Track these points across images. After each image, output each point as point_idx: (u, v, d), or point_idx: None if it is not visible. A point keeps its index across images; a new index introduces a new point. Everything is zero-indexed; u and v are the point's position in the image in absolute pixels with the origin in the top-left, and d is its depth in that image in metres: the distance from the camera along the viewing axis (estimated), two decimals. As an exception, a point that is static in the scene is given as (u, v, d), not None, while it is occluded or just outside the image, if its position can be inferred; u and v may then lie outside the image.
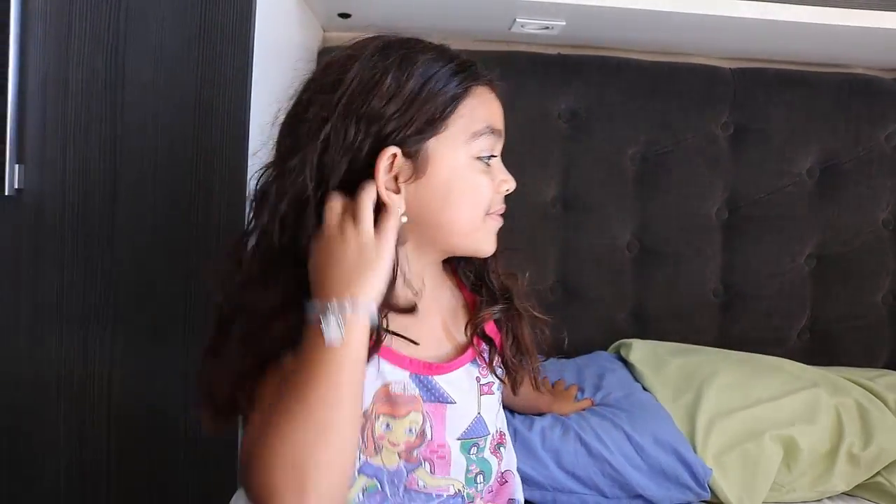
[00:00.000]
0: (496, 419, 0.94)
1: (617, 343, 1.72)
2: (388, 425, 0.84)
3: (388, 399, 0.84)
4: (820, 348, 1.81)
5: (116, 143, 1.21)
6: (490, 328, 0.96)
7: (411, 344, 0.85)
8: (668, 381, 1.47)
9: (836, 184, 1.80)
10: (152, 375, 1.24)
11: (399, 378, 0.85)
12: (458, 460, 0.88)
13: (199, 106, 1.22)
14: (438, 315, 0.93)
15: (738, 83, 1.79)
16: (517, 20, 1.65)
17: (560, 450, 1.26)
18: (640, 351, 1.60)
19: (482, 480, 0.90)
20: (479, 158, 0.87)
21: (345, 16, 1.72)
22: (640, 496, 1.26)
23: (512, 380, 0.96)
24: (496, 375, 0.94)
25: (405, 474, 0.84)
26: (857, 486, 1.35)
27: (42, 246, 1.22)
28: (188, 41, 1.21)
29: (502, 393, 0.98)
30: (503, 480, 0.97)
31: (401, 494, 0.84)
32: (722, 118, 1.79)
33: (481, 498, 0.90)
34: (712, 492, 1.28)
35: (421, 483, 0.85)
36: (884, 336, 1.81)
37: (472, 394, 0.91)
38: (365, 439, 0.82)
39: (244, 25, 1.21)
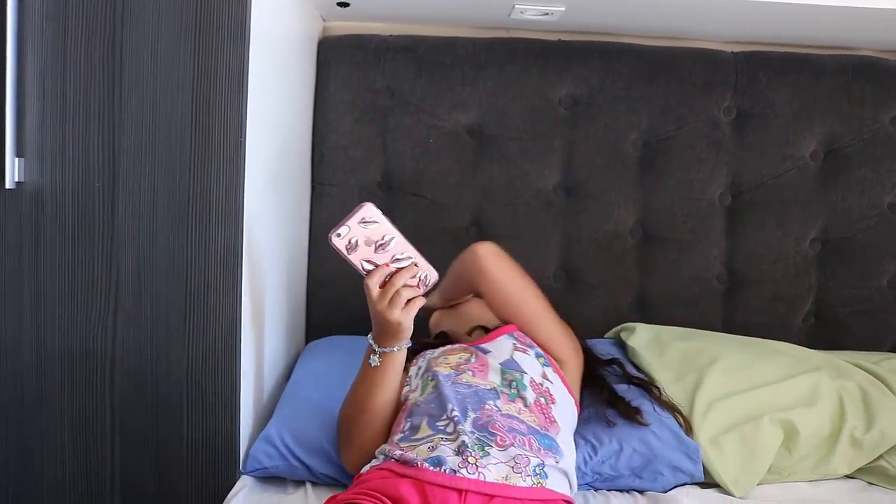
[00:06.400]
0: (532, 371, 1.21)
1: (620, 326, 1.72)
2: (446, 359, 1.24)
3: (449, 352, 1.27)
4: (825, 333, 1.81)
5: (115, 135, 1.22)
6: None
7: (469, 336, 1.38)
8: (669, 364, 1.47)
9: (841, 167, 1.79)
10: (154, 364, 1.25)
11: (461, 348, 1.28)
12: (495, 371, 1.19)
13: (197, 96, 1.22)
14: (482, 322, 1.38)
15: (740, 67, 1.78)
16: (516, 6, 1.64)
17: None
18: (642, 335, 1.60)
19: (515, 387, 1.16)
20: None
21: (343, 5, 1.72)
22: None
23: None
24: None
25: (454, 376, 1.18)
26: (859, 470, 1.35)
27: (43, 238, 1.23)
28: (185, 32, 1.21)
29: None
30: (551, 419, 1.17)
31: (450, 385, 1.15)
32: (724, 102, 1.78)
33: (509, 399, 1.14)
34: (708, 473, 1.28)
35: (465, 380, 1.17)
36: (889, 320, 1.80)
37: (507, 348, 1.24)
38: (430, 366, 1.23)
39: (241, 15, 1.21)
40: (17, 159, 1.20)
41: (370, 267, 1.09)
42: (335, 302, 1.76)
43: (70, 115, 1.22)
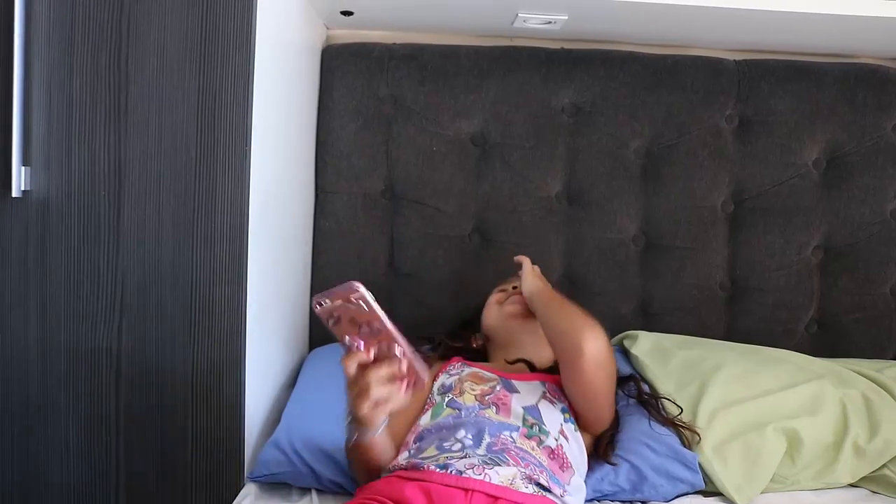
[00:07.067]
0: (551, 424, 1.17)
1: (622, 334, 1.72)
2: (472, 387, 1.23)
3: (477, 377, 1.26)
4: (828, 340, 1.81)
5: (120, 143, 1.23)
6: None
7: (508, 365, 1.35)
8: (672, 372, 1.48)
9: (843, 175, 1.79)
10: (159, 371, 1.25)
11: (490, 377, 1.27)
12: (517, 411, 1.17)
13: (202, 105, 1.23)
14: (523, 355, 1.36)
15: (742, 75, 1.79)
16: (519, 15, 1.65)
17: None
18: (645, 343, 1.61)
19: (537, 430, 1.14)
20: None
21: (347, 13, 1.72)
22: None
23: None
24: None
25: (477, 409, 1.18)
26: (863, 478, 1.35)
27: (49, 246, 1.24)
28: (190, 41, 1.22)
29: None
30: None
31: (472, 416, 1.15)
32: (727, 110, 1.79)
33: (527, 436, 1.13)
34: (711, 482, 1.28)
35: (487, 415, 1.16)
36: (892, 327, 1.80)
37: (536, 394, 1.22)
38: (454, 386, 1.24)
39: (245, 24, 1.22)
40: (23, 168, 1.21)
41: (351, 343, 0.96)
42: (338, 309, 1.76)
43: (76, 124, 1.23)
